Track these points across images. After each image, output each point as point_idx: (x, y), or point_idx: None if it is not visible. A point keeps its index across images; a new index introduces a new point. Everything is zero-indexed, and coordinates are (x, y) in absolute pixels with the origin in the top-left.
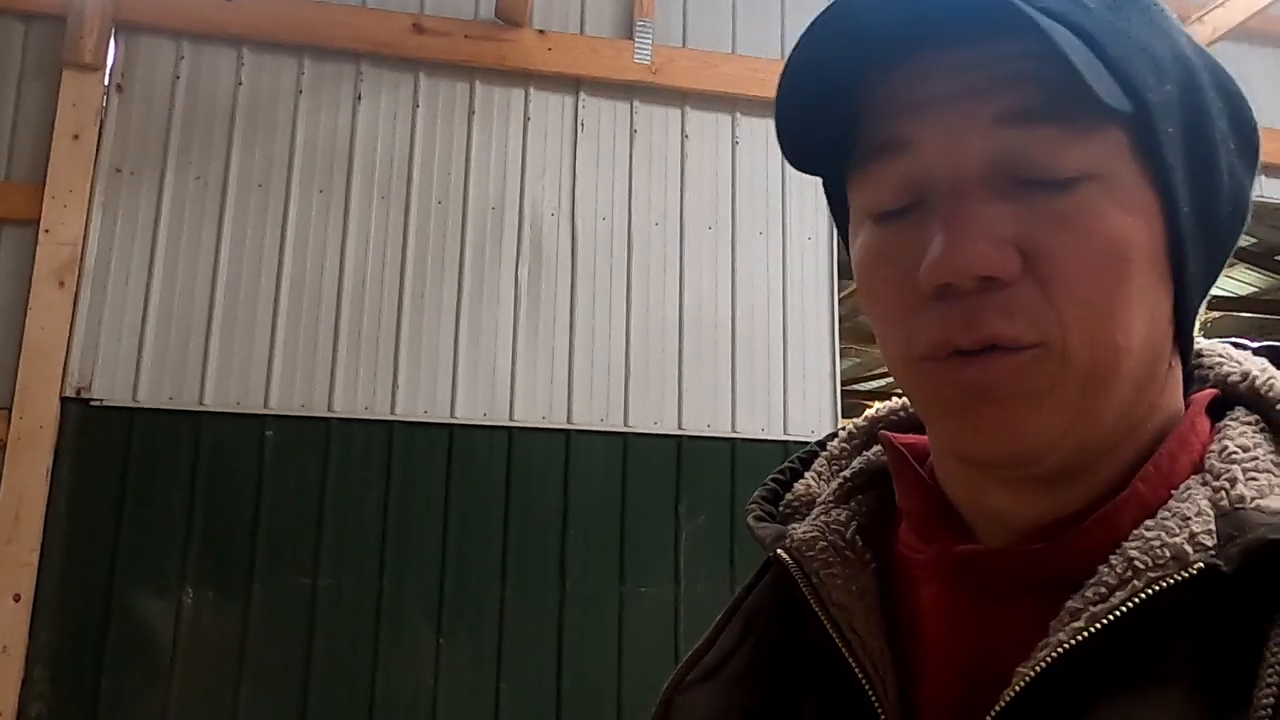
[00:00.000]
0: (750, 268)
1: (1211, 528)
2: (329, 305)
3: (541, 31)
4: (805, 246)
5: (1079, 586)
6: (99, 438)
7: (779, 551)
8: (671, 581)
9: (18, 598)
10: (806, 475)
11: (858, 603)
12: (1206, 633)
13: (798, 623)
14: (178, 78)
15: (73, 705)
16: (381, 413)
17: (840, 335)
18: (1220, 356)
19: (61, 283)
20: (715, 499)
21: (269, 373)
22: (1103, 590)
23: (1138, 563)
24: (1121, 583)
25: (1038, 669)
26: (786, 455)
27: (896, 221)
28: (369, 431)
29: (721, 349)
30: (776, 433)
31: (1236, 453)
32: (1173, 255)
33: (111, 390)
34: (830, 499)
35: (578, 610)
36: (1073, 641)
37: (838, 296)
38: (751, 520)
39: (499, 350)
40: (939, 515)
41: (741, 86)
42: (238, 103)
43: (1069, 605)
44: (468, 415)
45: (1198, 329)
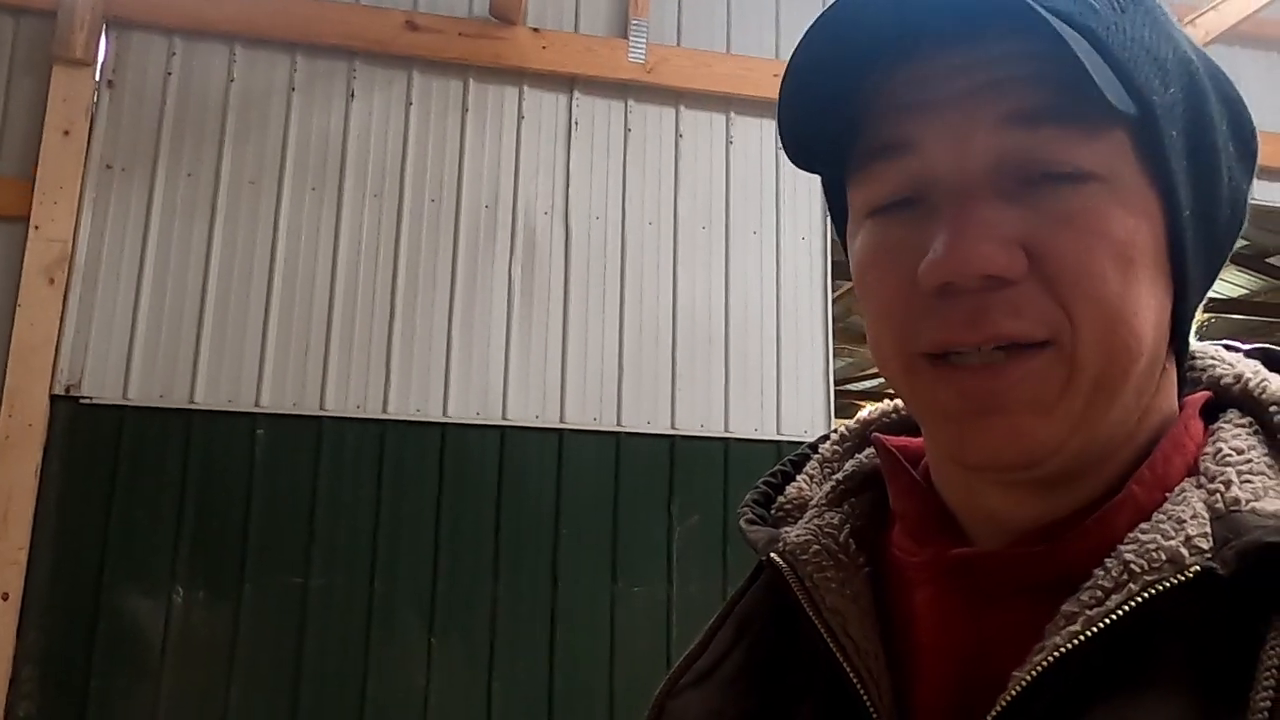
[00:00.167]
0: (744, 267)
1: (1207, 531)
2: (321, 303)
3: (536, 30)
4: (799, 246)
5: (1074, 590)
6: (89, 436)
7: (772, 555)
8: (664, 581)
9: (6, 596)
10: (799, 478)
11: (851, 606)
12: (1202, 636)
13: (791, 626)
14: (169, 74)
15: (61, 705)
16: (374, 411)
17: (833, 335)
18: (1213, 359)
19: (51, 280)
20: (708, 499)
21: (260, 371)
22: (1098, 594)
23: (1134, 566)
24: (1117, 586)
25: (1033, 673)
26: (779, 455)
27: (897, 219)
28: (361, 430)
29: (715, 349)
30: (770, 433)
31: (1231, 455)
32: (1172, 258)
33: (101, 388)
34: (823, 502)
35: (570, 610)
36: (1068, 645)
37: (831, 296)
38: (744, 524)
39: (492, 349)
40: (933, 518)
41: (736, 86)
42: (229, 99)
43: (1064, 609)
44: (460, 414)
45: (1192, 331)
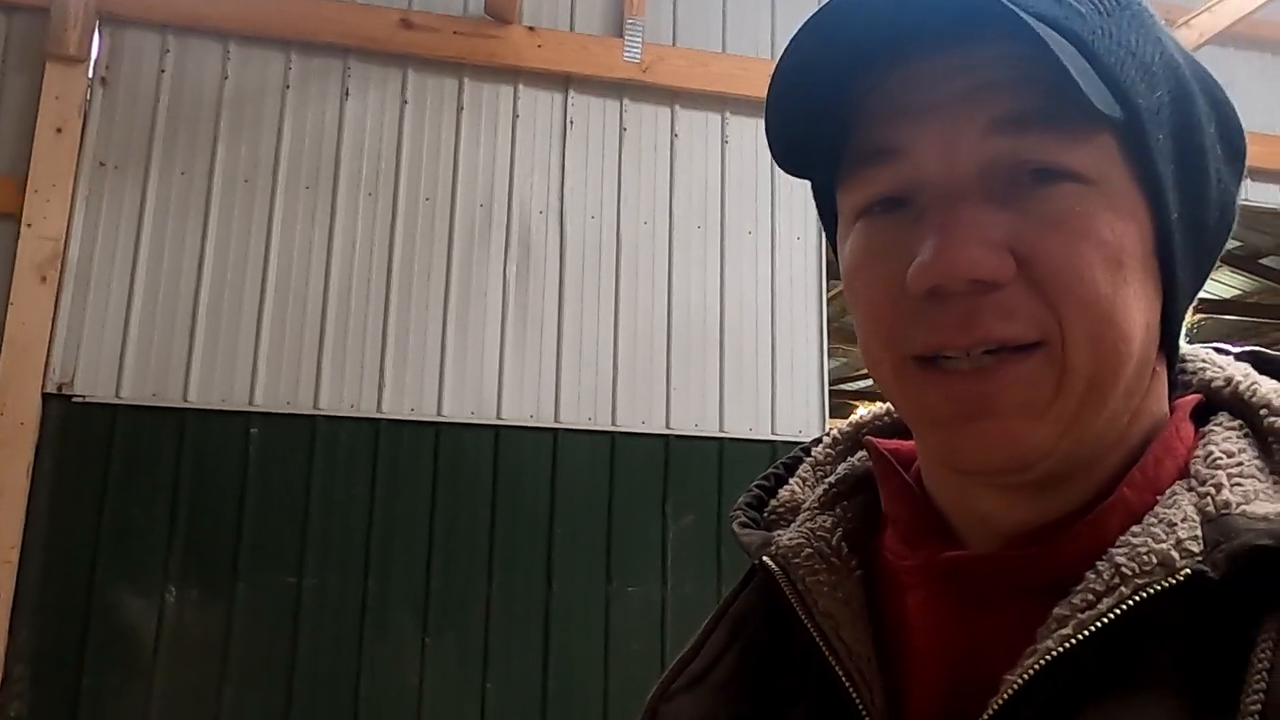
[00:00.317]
0: (739, 267)
1: (1198, 534)
2: (315, 302)
3: (531, 28)
4: (794, 246)
5: (1066, 593)
6: (81, 434)
7: (764, 559)
8: (658, 581)
9: None
10: (791, 481)
11: (844, 609)
12: (1193, 638)
13: (784, 629)
14: (163, 71)
15: (53, 704)
16: (368, 411)
17: (828, 335)
18: (1203, 362)
19: (44, 277)
20: (703, 499)
21: (254, 370)
22: (1090, 597)
23: (1125, 569)
24: (1109, 589)
25: (1025, 676)
26: (774, 455)
27: (886, 223)
28: (355, 429)
29: (710, 348)
30: (764, 432)
31: (1221, 458)
32: (1161, 261)
33: (94, 386)
34: (815, 505)
35: (564, 610)
36: (1060, 649)
37: (826, 297)
38: (736, 527)
39: (486, 349)
40: (925, 521)
41: (731, 86)
42: (224, 97)
43: (1056, 612)
44: (455, 414)
45: (1183, 333)
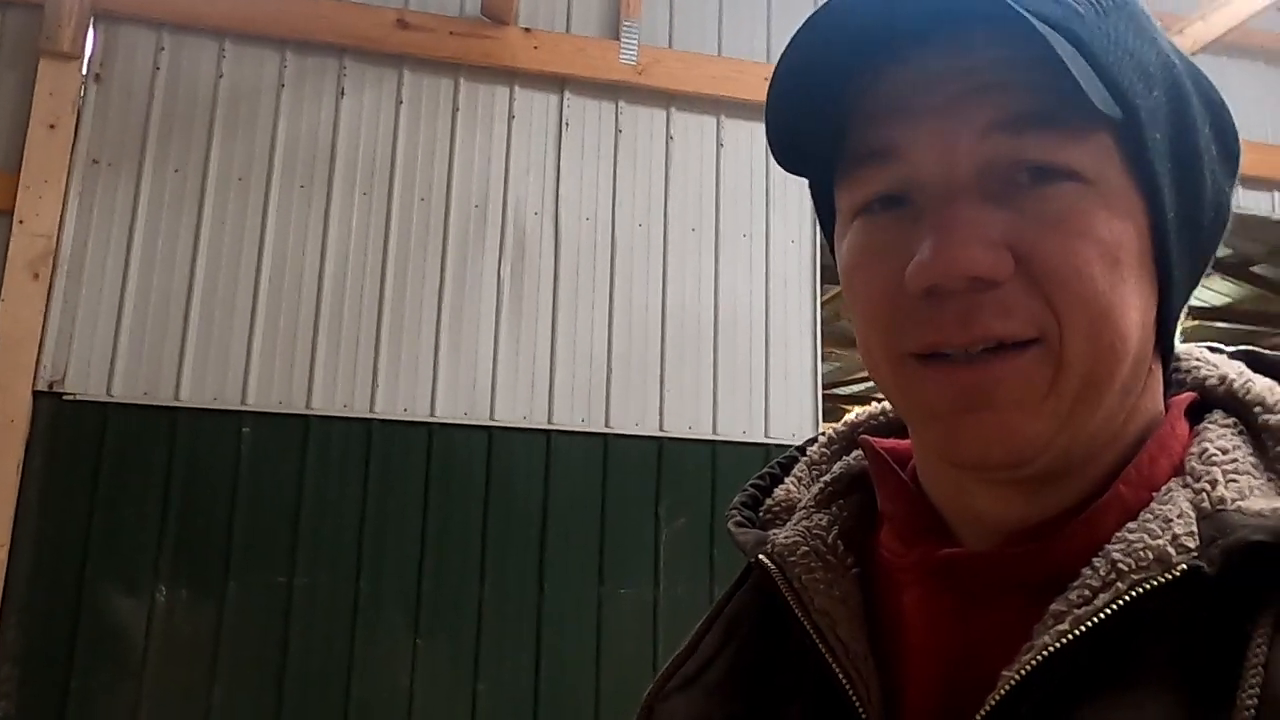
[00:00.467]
0: (733, 270)
1: (1193, 529)
2: (309, 301)
3: (527, 30)
4: (788, 250)
5: (1062, 589)
6: (72, 432)
7: (761, 557)
8: (651, 583)
9: None
10: (786, 481)
11: (840, 608)
12: (1189, 634)
13: (779, 628)
14: (157, 69)
15: (41, 704)
16: (361, 411)
17: (821, 339)
18: (1197, 360)
19: (36, 274)
20: (696, 501)
21: (247, 369)
22: (1086, 593)
23: (1121, 565)
24: (1105, 585)
25: (1022, 672)
26: (767, 458)
27: (884, 222)
28: (348, 429)
29: (704, 351)
30: (758, 435)
31: (1216, 455)
32: (1157, 260)
33: (85, 384)
34: (811, 504)
35: (557, 611)
36: (1057, 644)
37: (820, 300)
38: (732, 526)
39: (480, 349)
40: (921, 519)
41: (727, 89)
42: (218, 95)
43: (1053, 608)
44: (448, 414)
45: (1177, 335)
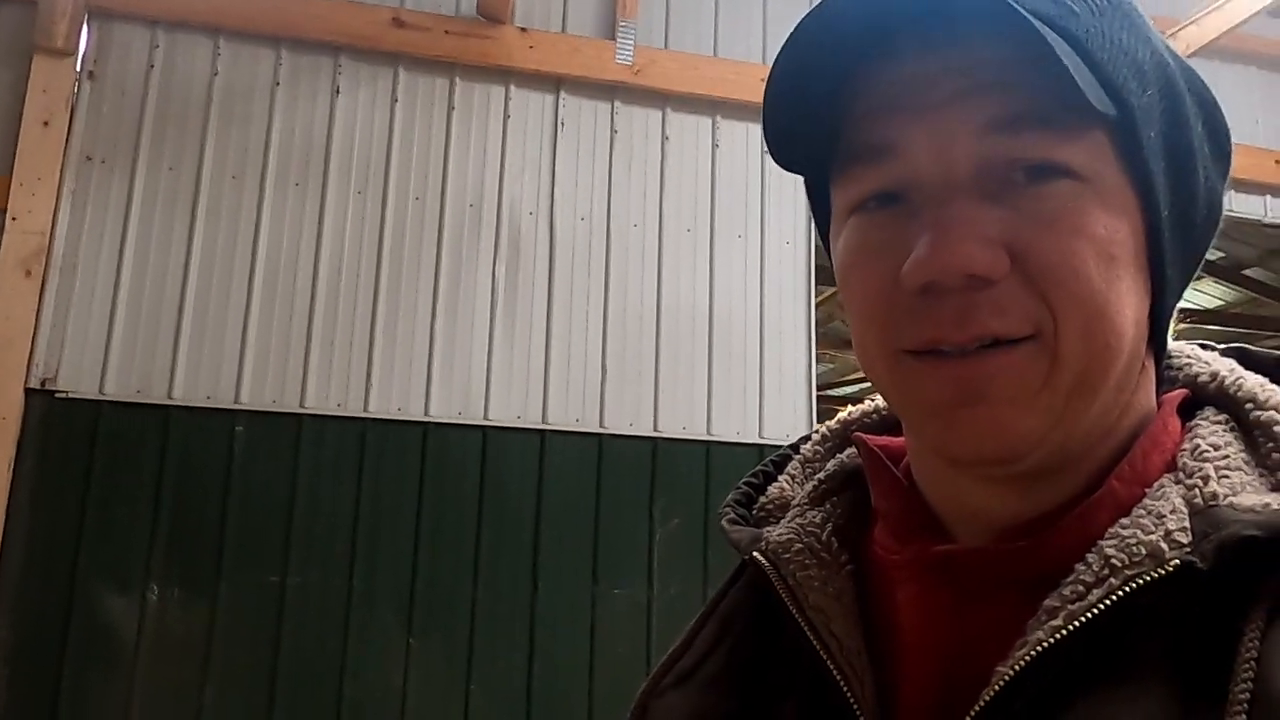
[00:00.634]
0: (728, 271)
1: (1186, 525)
2: (303, 300)
3: (523, 29)
4: (783, 251)
5: (1056, 585)
6: (64, 430)
7: (755, 554)
8: (645, 584)
9: None
10: (780, 478)
11: (835, 604)
12: (1182, 629)
13: (774, 625)
14: (152, 66)
15: (32, 704)
16: (355, 410)
17: (816, 340)
18: (1189, 358)
19: (28, 271)
20: (690, 502)
21: (240, 367)
22: (1080, 588)
23: (1114, 560)
24: (1099, 581)
25: (1016, 668)
26: (761, 459)
27: (880, 219)
28: (341, 429)
29: (698, 352)
30: (752, 436)
31: (1208, 451)
32: (1151, 257)
33: (78, 382)
34: (805, 501)
35: (550, 611)
36: (1051, 640)
37: (814, 301)
38: (726, 524)
39: (474, 349)
40: (915, 516)
41: (723, 89)
42: (213, 93)
43: (1046, 604)
44: (442, 414)
45: (1170, 333)
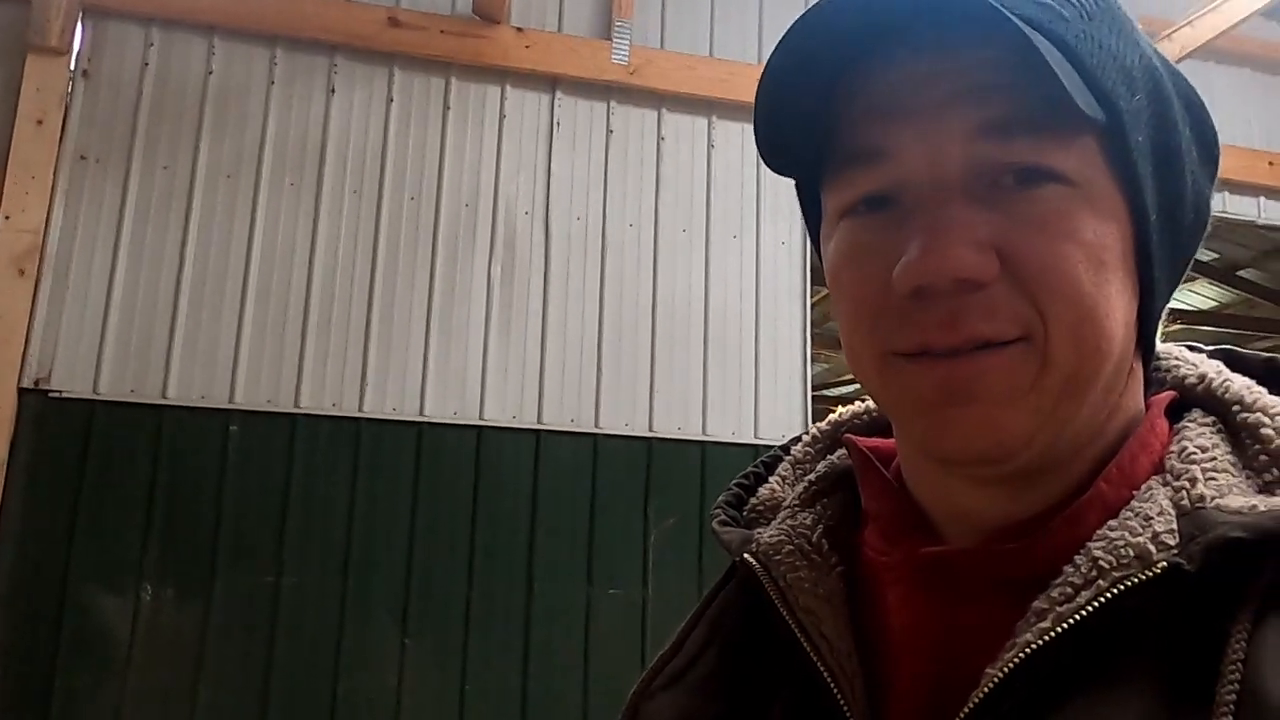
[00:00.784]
0: (724, 271)
1: (1173, 527)
2: (297, 300)
3: (519, 29)
4: (779, 251)
5: (1045, 586)
6: (57, 430)
7: (745, 556)
8: (640, 584)
9: None
10: (771, 480)
11: (825, 606)
12: (1169, 631)
13: (764, 627)
14: (146, 64)
15: (24, 704)
16: (349, 410)
17: (811, 340)
18: (1177, 359)
19: (21, 270)
20: (685, 502)
21: (234, 367)
22: (1068, 590)
23: (1102, 562)
24: (1087, 582)
25: (1005, 670)
26: (756, 459)
27: (870, 223)
28: (336, 428)
29: (693, 352)
30: (747, 436)
31: (1196, 453)
32: (1139, 260)
33: (71, 381)
34: (795, 503)
35: (545, 612)
36: (1040, 642)
37: (810, 302)
38: (717, 525)
39: (469, 349)
40: (905, 517)
41: (719, 90)
42: (208, 92)
43: (1035, 606)
44: (437, 414)
45: (1159, 336)
